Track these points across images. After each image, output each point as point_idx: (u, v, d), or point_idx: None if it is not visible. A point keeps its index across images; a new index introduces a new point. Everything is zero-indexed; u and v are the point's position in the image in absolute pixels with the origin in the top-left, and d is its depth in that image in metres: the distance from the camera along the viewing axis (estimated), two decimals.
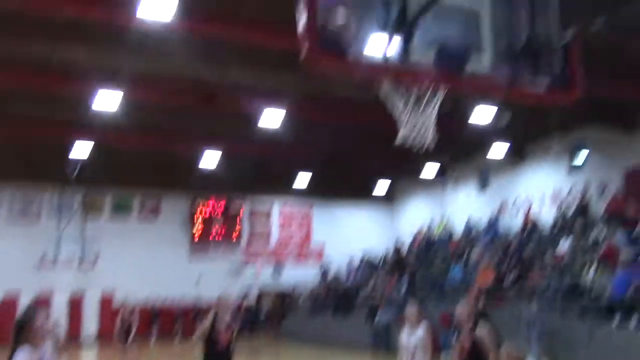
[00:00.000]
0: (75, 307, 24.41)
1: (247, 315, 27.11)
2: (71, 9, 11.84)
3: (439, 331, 14.75)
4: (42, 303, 20.05)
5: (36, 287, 22.82)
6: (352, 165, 25.80)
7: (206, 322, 7.37)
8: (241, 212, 28.27)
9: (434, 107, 5.29)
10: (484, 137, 21.01)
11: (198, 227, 27.35)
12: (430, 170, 25.18)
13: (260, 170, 26.75)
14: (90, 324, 24.70)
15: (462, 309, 6.57)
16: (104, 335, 22.77)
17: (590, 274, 14.57)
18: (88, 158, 22.62)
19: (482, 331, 6.32)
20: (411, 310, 7.34)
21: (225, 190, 27.33)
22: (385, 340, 18.65)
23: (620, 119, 18.40)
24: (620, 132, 18.66)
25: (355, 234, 28.91)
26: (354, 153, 23.70)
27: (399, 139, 5.39)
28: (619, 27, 10.49)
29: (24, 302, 20.24)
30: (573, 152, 20.92)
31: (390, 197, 31.05)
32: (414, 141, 5.35)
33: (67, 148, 21.59)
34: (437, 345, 7.28)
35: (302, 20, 4.34)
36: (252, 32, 12.55)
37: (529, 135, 21.57)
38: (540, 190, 22.03)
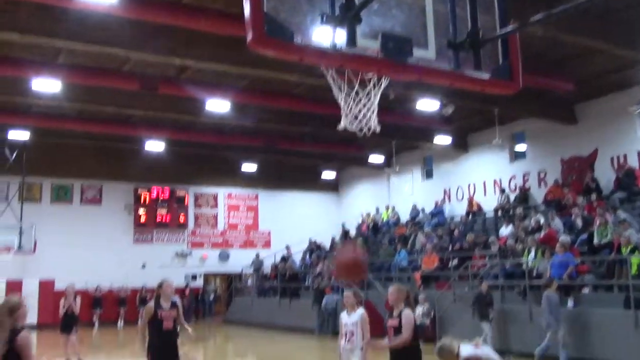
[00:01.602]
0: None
1: (194, 298, 26.99)
2: None
3: (385, 314, 14.93)
4: None
5: None
6: (298, 153, 25.77)
7: (150, 304, 7.52)
8: (186, 198, 27.99)
9: (377, 95, 5.34)
10: (429, 127, 21.34)
11: (142, 213, 26.91)
12: (376, 158, 25.38)
13: (205, 157, 26.47)
14: (29, 312, 23.87)
15: (393, 291, 6.75)
16: (43, 324, 22.09)
17: (530, 258, 15.03)
18: (26, 144, 21.94)
19: (408, 313, 6.58)
20: (348, 295, 7.78)
21: (170, 178, 26.96)
22: (332, 324, 18.81)
23: (558, 111, 18.97)
24: (559, 123, 19.26)
25: (301, 221, 28.94)
26: (300, 140, 23.66)
27: (341, 126, 5.44)
28: (555, 21, 10.75)
29: None
30: (514, 143, 21.58)
31: (336, 185, 31.23)
32: (357, 128, 5.41)
33: (4, 133, 20.90)
34: (382, 327, 7.50)
35: (247, 6, 4.31)
36: (196, 19, 12.28)
37: (471, 126, 22.04)
38: (483, 178, 22.58)
